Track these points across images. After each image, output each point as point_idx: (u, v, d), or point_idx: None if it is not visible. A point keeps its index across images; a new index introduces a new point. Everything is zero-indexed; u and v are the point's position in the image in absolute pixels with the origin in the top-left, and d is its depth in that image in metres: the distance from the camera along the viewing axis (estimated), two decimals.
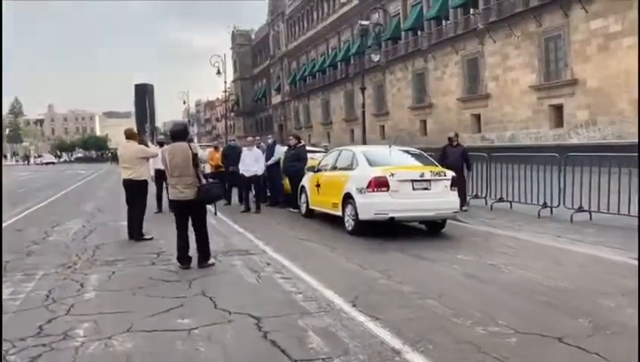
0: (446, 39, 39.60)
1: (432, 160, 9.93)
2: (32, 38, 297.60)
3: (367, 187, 8.97)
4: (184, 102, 71.92)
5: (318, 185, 11.03)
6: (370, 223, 9.20)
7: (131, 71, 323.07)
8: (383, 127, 49.61)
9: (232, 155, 14.23)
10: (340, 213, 9.91)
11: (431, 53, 41.66)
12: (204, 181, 7.02)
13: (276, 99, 78.28)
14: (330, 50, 60.72)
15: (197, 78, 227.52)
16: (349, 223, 9.51)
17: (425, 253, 7.83)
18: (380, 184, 8.88)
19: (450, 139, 12.67)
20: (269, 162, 13.47)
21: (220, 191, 7.27)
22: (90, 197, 18.46)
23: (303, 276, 6.47)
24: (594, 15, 28.03)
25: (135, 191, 9.12)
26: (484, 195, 12.75)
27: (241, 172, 13.10)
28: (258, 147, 13.82)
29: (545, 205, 10.94)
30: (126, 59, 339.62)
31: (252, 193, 13.25)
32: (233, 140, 15.86)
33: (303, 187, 12.07)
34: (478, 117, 37.53)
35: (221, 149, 15.99)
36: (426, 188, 9.05)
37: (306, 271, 6.65)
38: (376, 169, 9.21)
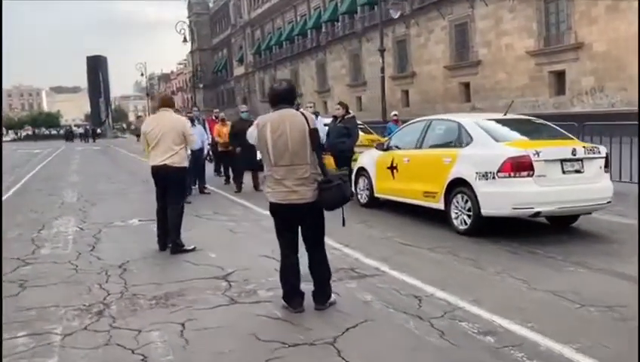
0: (431, 3, 37.10)
1: (565, 132, 7.44)
2: None
3: (499, 171, 6.43)
4: (142, 74, 67.13)
5: (392, 168, 8.43)
6: (491, 220, 6.74)
7: (77, 42, 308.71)
8: (359, 98, 47.08)
9: (243, 131, 11.33)
10: (439, 206, 7.36)
11: (414, 19, 39.11)
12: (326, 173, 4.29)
13: (239, 70, 74.19)
14: (298, 18, 57.28)
15: (149, 51, 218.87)
16: (460, 219, 6.97)
17: (614, 266, 5.43)
18: (520, 166, 6.34)
19: None
20: None
21: (351, 189, 4.57)
22: (65, 183, 15.24)
23: (506, 325, 3.95)
24: None
25: (173, 182, 6.29)
26: None
27: None
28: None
29: None
30: (71, 30, 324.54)
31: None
32: (246, 111, 12.81)
33: (361, 169, 9.45)
34: (467, 85, 35.38)
35: (229, 123, 13.14)
36: (578, 171, 6.59)
37: (502, 316, 4.12)
38: (508, 145, 6.66)
